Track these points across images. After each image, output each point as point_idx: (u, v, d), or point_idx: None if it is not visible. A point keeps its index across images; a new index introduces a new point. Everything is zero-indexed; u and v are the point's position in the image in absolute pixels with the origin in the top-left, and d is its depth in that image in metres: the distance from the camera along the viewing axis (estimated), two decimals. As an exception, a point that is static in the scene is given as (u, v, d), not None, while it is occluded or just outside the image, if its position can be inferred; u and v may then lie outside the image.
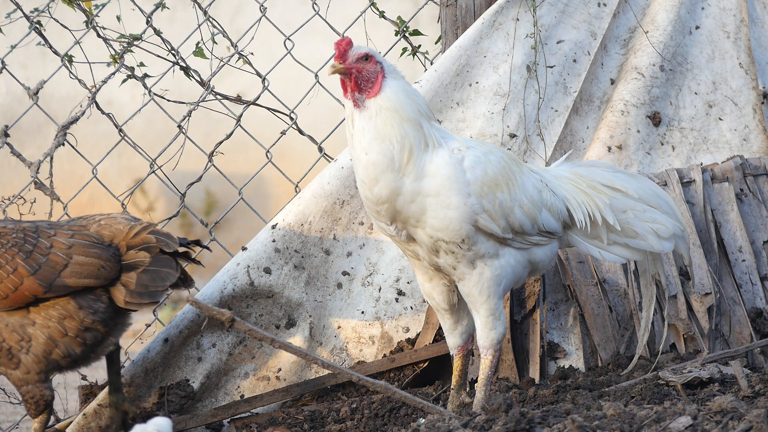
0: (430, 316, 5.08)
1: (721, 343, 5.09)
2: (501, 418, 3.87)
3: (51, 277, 4.35)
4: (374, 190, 4.23)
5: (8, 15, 5.19)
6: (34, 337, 4.36)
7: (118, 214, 4.58)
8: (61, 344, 4.38)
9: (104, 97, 6.12)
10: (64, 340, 4.38)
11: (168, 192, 9.47)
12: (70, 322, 4.38)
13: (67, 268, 4.36)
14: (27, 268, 4.34)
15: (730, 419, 3.79)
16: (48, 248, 4.37)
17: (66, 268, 4.36)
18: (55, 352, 4.38)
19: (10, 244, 4.36)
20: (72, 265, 4.37)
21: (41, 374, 4.38)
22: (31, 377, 4.38)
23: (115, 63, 5.30)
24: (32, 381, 4.38)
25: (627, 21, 5.47)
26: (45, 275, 4.35)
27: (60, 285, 4.36)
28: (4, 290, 4.33)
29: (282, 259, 5.05)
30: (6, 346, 4.35)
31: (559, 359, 5.04)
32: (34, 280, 4.34)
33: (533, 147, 5.28)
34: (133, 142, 5.36)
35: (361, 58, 4.25)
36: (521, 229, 4.36)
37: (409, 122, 4.23)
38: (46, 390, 4.41)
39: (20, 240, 4.37)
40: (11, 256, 4.34)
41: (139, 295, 4.41)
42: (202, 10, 5.40)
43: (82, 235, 4.42)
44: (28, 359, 4.36)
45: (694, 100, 5.47)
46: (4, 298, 4.33)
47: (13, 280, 4.33)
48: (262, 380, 5.04)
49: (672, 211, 4.61)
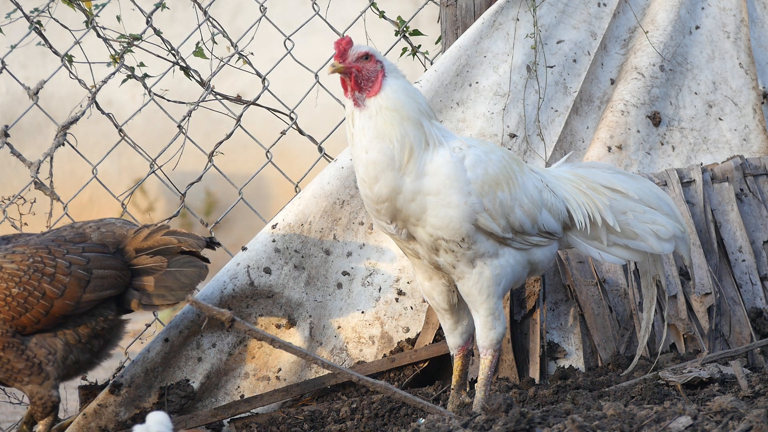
0: (430, 315, 5.08)
1: (721, 343, 5.09)
2: (501, 418, 3.87)
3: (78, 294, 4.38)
4: (374, 189, 4.23)
5: (8, 15, 5.19)
6: (54, 345, 4.39)
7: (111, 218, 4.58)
8: (75, 350, 4.41)
9: (104, 97, 6.12)
10: (78, 347, 4.41)
11: (168, 192, 9.47)
12: (83, 330, 4.41)
13: (90, 283, 4.39)
14: (54, 291, 4.36)
15: (730, 419, 3.79)
16: (68, 267, 4.39)
17: (89, 284, 4.39)
18: (69, 359, 4.41)
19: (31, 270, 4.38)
20: (94, 279, 4.39)
21: (58, 380, 4.43)
22: (49, 383, 4.42)
23: (115, 63, 5.30)
24: (48, 387, 4.42)
25: (627, 21, 5.47)
26: (72, 294, 4.38)
27: (86, 301, 4.40)
28: (36, 316, 4.36)
29: (282, 259, 5.05)
30: (37, 362, 4.39)
31: (559, 359, 5.04)
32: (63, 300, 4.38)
33: (533, 147, 5.28)
34: (133, 142, 5.36)
35: (361, 57, 4.25)
36: (521, 228, 4.36)
37: (410, 121, 4.23)
38: (54, 392, 4.43)
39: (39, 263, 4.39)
40: (37, 282, 4.37)
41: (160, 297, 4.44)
42: (202, 10, 5.40)
43: (91, 246, 4.43)
44: (52, 369, 4.39)
45: (694, 100, 5.47)
46: (36, 323, 4.37)
47: (43, 304, 4.37)
48: (262, 380, 5.04)
49: (672, 212, 4.61)
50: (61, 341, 4.39)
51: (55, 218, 5.16)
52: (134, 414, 4.87)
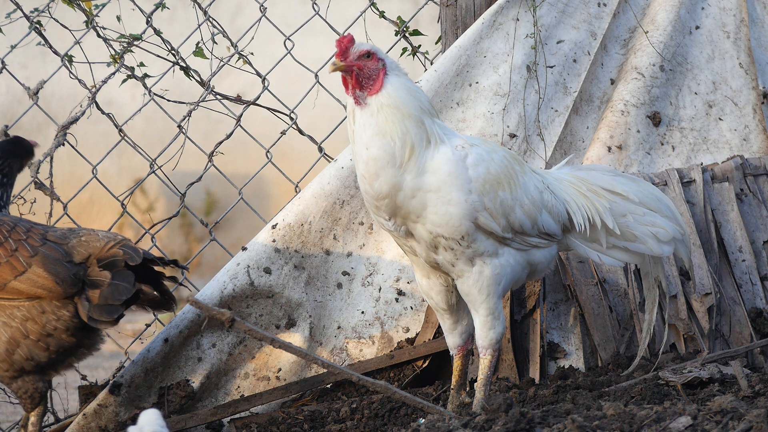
0: (430, 315, 5.08)
1: (721, 343, 5.09)
2: (501, 418, 3.87)
3: (6, 278, 4.36)
4: (374, 186, 4.23)
5: (8, 15, 5.19)
6: None
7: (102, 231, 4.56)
8: (24, 346, 4.38)
9: (104, 97, 6.12)
10: (26, 342, 4.38)
11: (168, 192, 9.47)
12: (32, 325, 4.38)
13: (23, 274, 4.37)
14: None
15: (730, 419, 3.79)
16: (12, 250, 4.37)
17: (22, 275, 4.37)
18: (17, 353, 4.38)
19: None
20: (29, 272, 4.37)
21: (10, 371, 4.39)
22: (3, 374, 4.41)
23: (115, 63, 5.30)
24: (6, 378, 4.41)
25: (627, 21, 5.47)
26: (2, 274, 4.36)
27: (12, 288, 4.37)
28: None
29: (282, 259, 5.05)
30: None
31: (559, 359, 5.04)
32: None
33: (533, 147, 5.28)
34: (133, 142, 5.36)
35: (363, 55, 4.25)
36: (521, 229, 4.36)
37: (411, 119, 4.23)
38: (39, 383, 4.41)
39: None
40: None
41: (99, 310, 4.38)
42: (202, 10, 5.40)
43: (50, 247, 4.40)
44: None
45: (694, 100, 5.47)
46: None
47: None
48: (262, 380, 5.04)
49: (672, 215, 4.60)
50: (6, 333, 4.37)
51: (55, 218, 5.16)
52: (134, 414, 4.87)
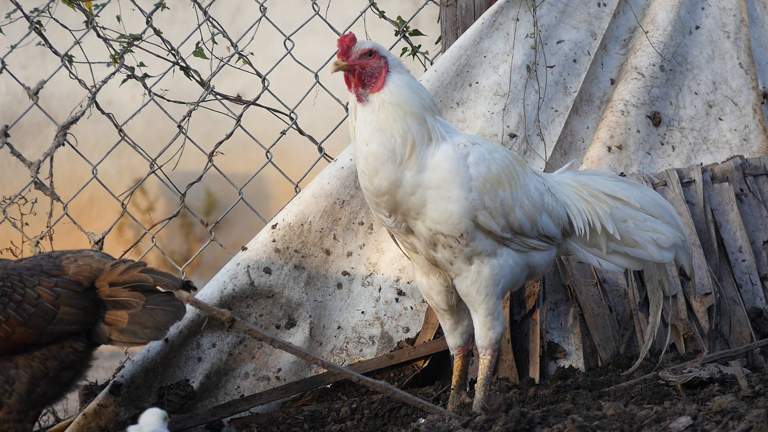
0: (430, 315, 5.08)
1: (721, 343, 5.09)
2: (501, 418, 3.87)
3: (42, 325, 4.35)
4: (374, 182, 4.23)
5: (8, 15, 5.19)
6: (18, 377, 4.36)
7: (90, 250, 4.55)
8: (42, 383, 4.38)
9: (104, 97, 6.12)
10: (45, 380, 4.38)
11: (168, 192, 9.47)
12: (52, 362, 4.38)
13: (55, 317, 4.37)
14: (18, 318, 4.33)
15: (730, 419, 3.79)
16: (36, 299, 4.36)
17: (55, 318, 4.37)
18: (36, 392, 4.38)
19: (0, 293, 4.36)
20: (60, 314, 4.37)
21: (22, 414, 4.37)
22: (12, 417, 4.38)
23: (115, 63, 5.30)
24: (12, 420, 4.39)
25: (627, 21, 5.47)
26: (35, 324, 4.35)
27: (50, 332, 4.37)
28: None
29: (282, 259, 5.05)
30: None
31: (559, 359, 5.04)
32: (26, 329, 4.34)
33: (533, 147, 5.28)
34: (133, 142, 5.36)
35: (364, 53, 4.25)
36: (520, 229, 4.36)
37: (412, 116, 4.23)
38: (27, 425, 4.40)
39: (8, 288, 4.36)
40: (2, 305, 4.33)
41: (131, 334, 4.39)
42: (202, 10, 5.40)
43: (65, 283, 4.40)
44: (12, 401, 4.36)
45: (694, 100, 5.47)
46: None
47: (4, 329, 4.33)
48: (262, 380, 5.04)
49: (674, 221, 4.59)
50: (27, 374, 4.37)
51: (55, 218, 5.16)
52: (134, 414, 4.87)
